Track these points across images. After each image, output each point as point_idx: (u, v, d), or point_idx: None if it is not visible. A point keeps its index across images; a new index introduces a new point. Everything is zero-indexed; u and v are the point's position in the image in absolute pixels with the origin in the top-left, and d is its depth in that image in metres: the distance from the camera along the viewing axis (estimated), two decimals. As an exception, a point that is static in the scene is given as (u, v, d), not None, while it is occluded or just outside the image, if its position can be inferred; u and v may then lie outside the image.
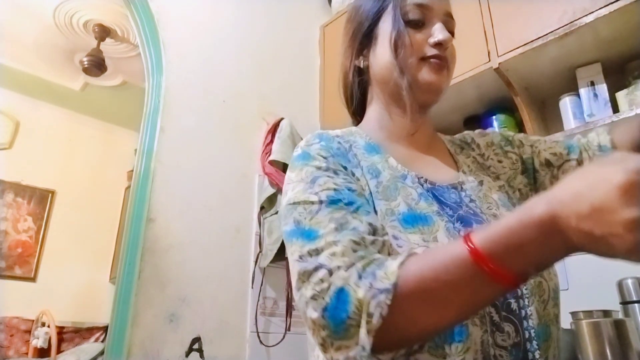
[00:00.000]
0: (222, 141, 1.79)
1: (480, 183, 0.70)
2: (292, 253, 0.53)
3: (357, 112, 0.80)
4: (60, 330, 2.93)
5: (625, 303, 1.23)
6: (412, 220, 0.57)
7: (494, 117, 1.58)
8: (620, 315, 1.20)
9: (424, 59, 0.68)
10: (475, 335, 0.51)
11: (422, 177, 0.65)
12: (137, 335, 1.37)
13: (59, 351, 2.84)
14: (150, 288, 1.44)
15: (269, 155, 1.82)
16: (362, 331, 0.43)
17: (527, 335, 0.55)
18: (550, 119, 1.58)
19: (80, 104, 3.76)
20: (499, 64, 1.45)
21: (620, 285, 1.25)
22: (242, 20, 2.04)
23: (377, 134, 0.72)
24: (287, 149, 1.79)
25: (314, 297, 0.47)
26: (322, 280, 0.47)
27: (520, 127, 1.56)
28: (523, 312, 0.55)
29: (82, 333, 3.03)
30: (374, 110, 0.75)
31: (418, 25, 0.68)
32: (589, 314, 1.16)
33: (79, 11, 2.83)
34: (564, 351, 1.17)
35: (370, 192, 0.61)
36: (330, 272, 0.47)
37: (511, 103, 1.54)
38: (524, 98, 1.51)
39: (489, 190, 0.69)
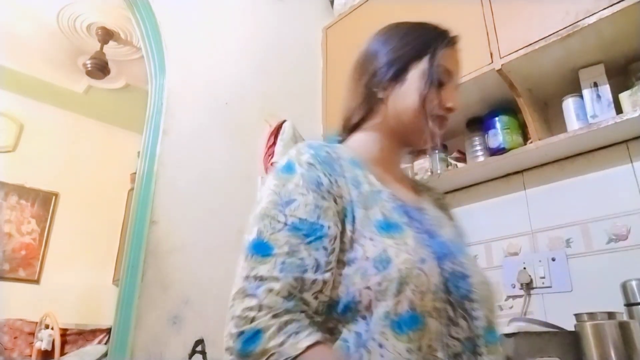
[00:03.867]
0: (224, 143, 1.79)
1: (440, 216, 0.84)
2: (243, 267, 0.62)
3: (349, 129, 0.86)
4: (64, 333, 2.93)
5: (629, 305, 1.22)
6: (387, 227, 0.67)
7: (496, 118, 1.58)
8: (625, 317, 1.20)
9: (436, 116, 0.79)
10: (431, 325, 0.61)
11: (395, 195, 0.75)
12: (140, 338, 1.37)
13: (62, 353, 2.84)
14: (153, 290, 1.44)
15: (272, 157, 1.82)
16: None
17: (477, 332, 0.67)
18: (553, 121, 1.57)
19: (83, 107, 3.78)
20: (502, 65, 1.45)
21: (625, 287, 1.24)
22: (244, 23, 2.04)
23: (362, 155, 0.80)
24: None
25: (240, 317, 0.57)
26: (251, 309, 0.57)
27: (523, 129, 1.56)
28: (474, 312, 0.67)
29: (85, 335, 3.03)
30: (369, 135, 0.83)
31: (440, 85, 0.79)
32: (592, 315, 1.16)
33: (82, 14, 2.84)
34: (567, 352, 1.16)
35: (352, 200, 0.69)
36: (260, 308, 0.57)
37: (514, 104, 1.53)
38: (526, 99, 1.51)
39: (447, 223, 0.83)
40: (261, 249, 0.62)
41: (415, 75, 0.79)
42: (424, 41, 0.82)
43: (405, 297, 0.60)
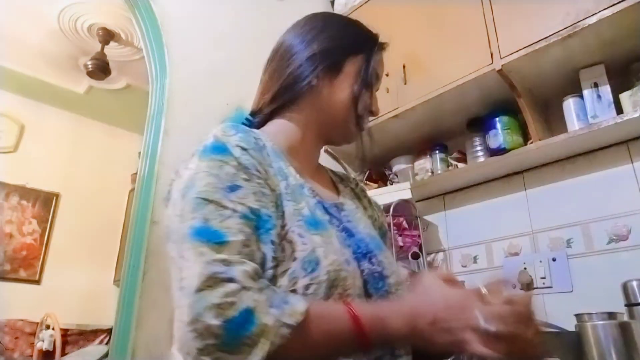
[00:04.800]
0: (225, 144, 1.79)
1: (356, 208, 0.80)
2: (199, 253, 0.52)
3: (266, 114, 0.80)
4: (65, 333, 2.93)
5: (630, 305, 1.22)
6: (315, 224, 0.64)
7: (497, 118, 1.58)
8: (625, 318, 1.20)
9: (360, 116, 0.78)
10: None
11: (314, 191, 0.72)
12: (141, 338, 1.38)
13: (63, 353, 2.84)
14: (154, 290, 1.44)
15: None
16: (257, 352, 0.47)
17: None
18: (553, 121, 1.57)
19: (84, 107, 3.78)
20: (502, 65, 1.45)
21: (625, 287, 1.24)
22: (245, 23, 2.04)
23: (280, 144, 0.74)
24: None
25: (220, 306, 0.48)
26: (232, 293, 0.49)
27: (523, 129, 1.56)
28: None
29: (86, 335, 3.04)
30: (289, 123, 0.77)
31: (369, 87, 0.80)
32: (593, 316, 1.16)
33: (83, 15, 2.84)
34: (568, 353, 1.17)
35: (281, 193, 0.64)
36: (241, 289, 0.49)
37: (514, 105, 1.53)
38: (527, 100, 1.51)
39: (362, 215, 0.80)
40: (213, 236, 0.54)
41: (352, 70, 0.77)
42: (361, 39, 0.81)
43: (335, 299, 0.58)
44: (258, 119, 0.81)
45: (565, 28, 1.33)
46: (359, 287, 0.62)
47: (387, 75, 1.77)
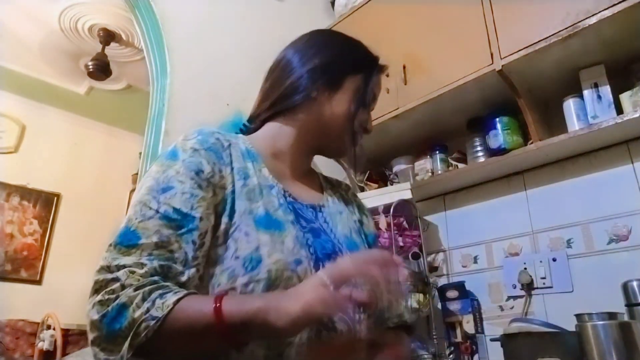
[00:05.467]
0: (226, 144, 1.79)
1: (340, 212, 0.83)
2: (104, 257, 0.58)
3: (263, 119, 0.83)
4: (66, 333, 2.93)
5: (630, 305, 1.22)
6: (267, 223, 0.66)
7: (497, 119, 1.58)
8: (626, 318, 1.20)
9: (354, 132, 0.82)
10: (301, 333, 0.60)
11: (287, 192, 0.74)
12: (142, 338, 1.38)
13: (64, 354, 2.85)
14: (155, 291, 1.44)
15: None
16: (126, 344, 0.51)
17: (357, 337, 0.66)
18: (553, 121, 1.57)
19: (85, 108, 3.79)
20: (502, 66, 1.45)
21: (626, 287, 1.24)
22: (246, 24, 2.05)
23: (265, 147, 0.79)
24: (291, 151, 1.79)
25: (100, 303, 0.53)
26: (113, 291, 0.54)
27: (523, 129, 1.56)
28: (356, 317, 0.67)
29: (87, 336, 3.04)
30: (283, 127, 0.80)
31: (365, 106, 0.83)
32: (593, 316, 1.16)
33: (84, 16, 2.85)
34: (568, 353, 1.17)
35: (234, 191, 0.67)
36: (122, 287, 0.54)
37: (514, 105, 1.53)
38: (527, 100, 1.51)
39: (346, 218, 0.83)
40: (127, 237, 0.58)
41: (351, 87, 0.80)
42: (362, 59, 0.85)
43: None
44: (254, 125, 0.84)
45: (566, 28, 1.33)
46: None
47: (387, 75, 1.77)
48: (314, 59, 0.80)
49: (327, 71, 0.79)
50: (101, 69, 3.00)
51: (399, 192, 1.74)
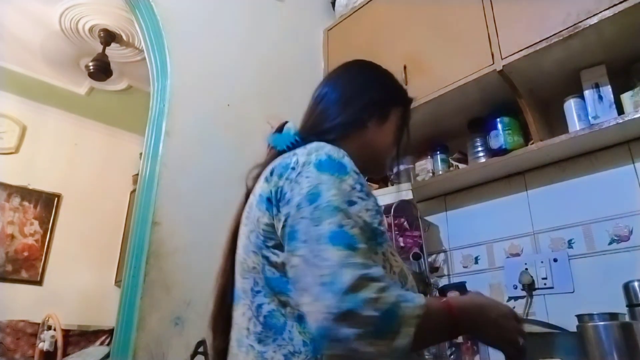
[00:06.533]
0: (227, 145, 1.79)
1: None
2: (341, 255, 0.60)
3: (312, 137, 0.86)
4: (66, 334, 2.94)
5: (631, 306, 1.22)
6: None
7: (498, 119, 1.58)
8: (627, 318, 1.20)
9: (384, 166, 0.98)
10: None
11: None
12: (142, 339, 1.38)
13: (64, 354, 2.85)
14: (155, 291, 1.44)
15: (273, 158, 1.82)
16: (403, 336, 0.57)
17: None
18: (554, 121, 1.57)
19: (85, 109, 3.79)
20: (503, 66, 1.45)
21: (627, 288, 1.24)
22: (246, 25, 2.05)
23: None
24: (292, 152, 1.79)
25: (376, 300, 0.57)
26: (383, 290, 0.59)
27: (524, 130, 1.56)
28: None
29: (87, 336, 3.04)
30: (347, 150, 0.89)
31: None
32: (595, 317, 1.15)
33: (84, 16, 2.85)
34: (569, 354, 1.16)
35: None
36: (385, 287, 0.59)
37: (515, 105, 1.53)
38: (528, 100, 1.51)
39: None
40: (349, 240, 0.62)
41: (394, 119, 0.95)
42: (400, 92, 1.00)
43: None
44: (307, 141, 0.85)
45: (566, 28, 1.33)
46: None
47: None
48: (369, 92, 0.93)
49: (380, 104, 0.93)
50: (102, 70, 3.00)
51: (399, 192, 1.74)
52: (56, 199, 3.58)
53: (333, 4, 2.39)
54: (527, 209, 1.64)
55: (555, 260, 1.51)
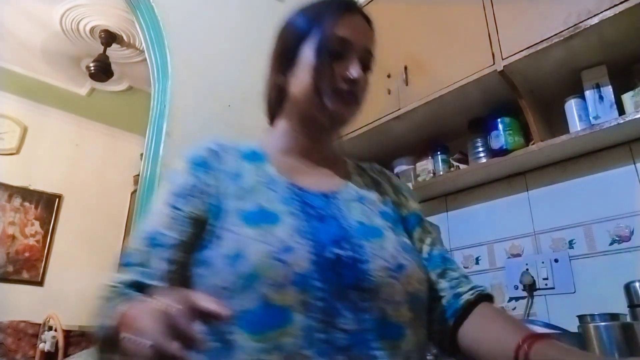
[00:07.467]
0: (227, 145, 1.79)
1: (361, 197, 0.76)
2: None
3: (270, 119, 0.86)
4: (67, 334, 2.94)
5: (633, 306, 1.22)
6: (257, 218, 0.64)
7: (498, 119, 1.57)
8: (629, 319, 1.19)
9: (336, 90, 0.72)
10: (296, 321, 0.56)
11: (295, 184, 0.72)
12: (143, 339, 1.38)
13: (65, 355, 2.85)
14: (156, 292, 1.44)
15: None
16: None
17: (364, 326, 0.59)
18: (555, 122, 1.57)
19: (86, 109, 3.80)
20: (504, 66, 1.45)
21: (628, 289, 1.24)
22: (246, 25, 2.05)
23: (274, 145, 0.80)
24: (292, 152, 1.80)
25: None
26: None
27: (525, 130, 1.56)
28: (361, 303, 0.60)
29: (89, 337, 3.04)
30: (282, 124, 0.81)
31: (337, 56, 0.72)
32: (596, 317, 1.15)
33: (85, 17, 2.86)
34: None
35: (226, 193, 0.68)
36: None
37: (516, 106, 1.53)
38: (528, 101, 1.51)
39: (370, 203, 0.76)
40: (124, 257, 0.67)
41: (306, 52, 0.73)
42: (310, 17, 0.76)
43: (258, 292, 0.57)
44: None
45: (567, 29, 1.32)
46: (303, 275, 0.58)
47: (388, 76, 1.77)
48: (274, 52, 0.81)
49: (283, 54, 0.78)
50: (102, 70, 3.01)
51: (400, 193, 1.74)
52: (57, 199, 3.58)
53: (333, 4, 2.39)
54: (528, 210, 1.63)
55: (556, 260, 1.51)
